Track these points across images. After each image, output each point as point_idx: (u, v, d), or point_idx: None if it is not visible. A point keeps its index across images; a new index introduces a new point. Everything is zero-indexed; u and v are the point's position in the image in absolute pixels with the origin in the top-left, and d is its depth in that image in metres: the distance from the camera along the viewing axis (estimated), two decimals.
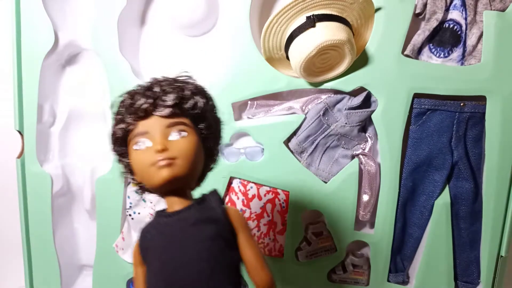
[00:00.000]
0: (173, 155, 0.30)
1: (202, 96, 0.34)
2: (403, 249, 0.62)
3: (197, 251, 0.30)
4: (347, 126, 0.58)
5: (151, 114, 0.31)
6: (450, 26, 0.56)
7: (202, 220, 0.31)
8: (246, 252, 0.32)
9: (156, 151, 0.30)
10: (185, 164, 0.31)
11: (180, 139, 0.31)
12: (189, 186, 0.33)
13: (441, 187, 0.59)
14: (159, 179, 0.30)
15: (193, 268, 0.29)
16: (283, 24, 0.52)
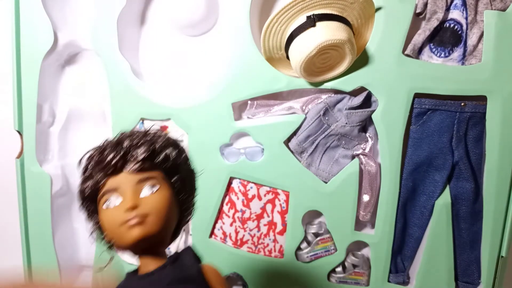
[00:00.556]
0: (145, 212, 0.29)
1: (174, 148, 0.33)
2: (404, 249, 0.62)
3: None
4: (347, 126, 0.58)
5: (121, 170, 0.30)
6: (451, 26, 0.56)
7: (177, 280, 0.29)
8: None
9: (126, 209, 0.29)
10: (157, 221, 0.29)
11: (152, 195, 0.30)
12: (162, 243, 0.32)
13: (441, 187, 0.58)
14: (130, 239, 0.28)
15: None
16: (283, 24, 0.52)
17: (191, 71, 0.64)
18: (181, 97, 0.61)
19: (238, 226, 0.63)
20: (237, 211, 0.63)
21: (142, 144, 0.31)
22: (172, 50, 0.65)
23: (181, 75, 0.65)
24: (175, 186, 0.32)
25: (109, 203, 0.30)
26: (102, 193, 0.30)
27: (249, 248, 0.63)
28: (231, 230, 0.63)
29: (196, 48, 0.64)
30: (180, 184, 0.32)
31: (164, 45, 0.65)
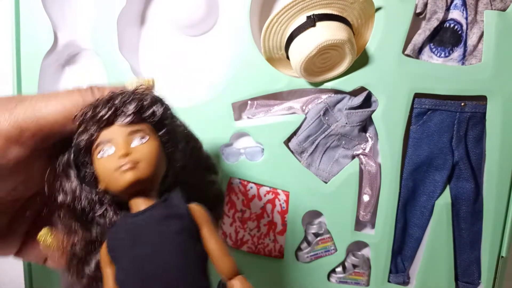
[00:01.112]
0: (136, 159, 0.32)
1: (160, 105, 0.35)
2: (404, 249, 0.62)
3: (165, 245, 0.30)
4: (347, 126, 0.58)
5: (113, 123, 0.33)
6: (451, 26, 0.56)
7: (167, 216, 0.32)
8: (210, 244, 0.33)
9: (119, 157, 0.31)
10: (147, 166, 0.32)
11: (142, 145, 0.33)
12: (152, 187, 0.34)
13: (441, 187, 0.58)
14: (124, 182, 0.31)
15: (163, 261, 0.30)
16: (283, 24, 0.52)
17: (191, 71, 0.64)
18: (181, 97, 0.61)
19: (238, 226, 0.63)
20: (237, 211, 0.63)
21: (132, 101, 0.33)
22: (172, 50, 0.65)
23: (181, 75, 0.65)
24: (162, 139, 0.35)
25: (103, 153, 0.32)
26: (96, 144, 0.33)
27: (249, 248, 0.63)
28: (231, 230, 0.63)
29: (196, 48, 0.64)
30: (167, 137, 0.35)
31: (164, 45, 0.65)
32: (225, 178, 0.61)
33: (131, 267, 0.30)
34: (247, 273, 0.51)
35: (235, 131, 0.60)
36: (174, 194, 0.34)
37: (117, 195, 0.34)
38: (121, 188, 0.32)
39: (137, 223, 0.32)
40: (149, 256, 0.30)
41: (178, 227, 0.31)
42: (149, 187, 0.34)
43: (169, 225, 0.31)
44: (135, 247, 0.31)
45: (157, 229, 0.31)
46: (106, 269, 0.33)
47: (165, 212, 0.32)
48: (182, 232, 0.32)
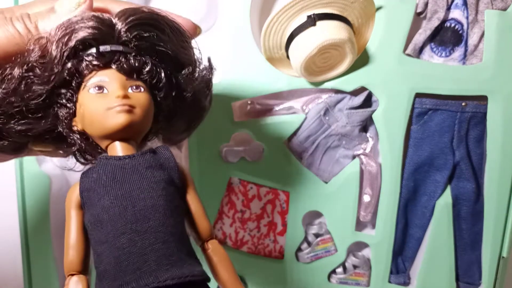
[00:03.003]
0: (133, 104, 0.31)
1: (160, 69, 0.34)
2: (404, 250, 0.62)
3: (153, 189, 0.30)
4: (348, 126, 0.58)
5: (111, 66, 0.32)
6: (452, 25, 0.56)
7: (156, 166, 0.31)
8: (193, 204, 0.33)
9: (117, 96, 0.30)
10: (141, 113, 0.31)
11: (139, 93, 0.32)
12: (138, 136, 0.33)
13: (442, 187, 0.58)
14: (117, 123, 0.30)
15: (150, 201, 0.29)
16: (283, 23, 0.52)
17: None
18: None
19: (238, 227, 0.63)
20: (237, 212, 0.62)
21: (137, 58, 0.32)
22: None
23: None
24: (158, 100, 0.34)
25: (97, 89, 0.31)
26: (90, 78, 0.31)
27: (249, 249, 0.63)
28: (231, 230, 0.63)
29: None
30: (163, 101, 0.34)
31: None
32: (225, 178, 0.61)
33: (113, 205, 0.29)
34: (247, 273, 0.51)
35: (235, 131, 0.59)
36: (162, 148, 0.33)
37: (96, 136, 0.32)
38: (111, 129, 0.30)
39: (123, 166, 0.31)
40: (135, 196, 0.29)
41: (166, 178, 0.31)
42: (135, 136, 0.33)
43: (158, 174, 0.31)
44: (121, 186, 0.30)
45: (145, 174, 0.30)
46: (72, 211, 0.31)
47: (154, 162, 0.31)
48: (170, 183, 0.31)
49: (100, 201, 0.29)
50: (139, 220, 0.28)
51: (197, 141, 0.60)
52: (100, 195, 0.30)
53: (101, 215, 0.29)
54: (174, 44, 0.35)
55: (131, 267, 0.27)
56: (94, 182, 0.30)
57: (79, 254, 0.30)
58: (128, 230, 0.28)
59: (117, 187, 0.30)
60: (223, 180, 0.61)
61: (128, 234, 0.28)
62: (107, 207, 0.29)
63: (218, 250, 0.34)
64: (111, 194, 0.29)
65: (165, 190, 0.30)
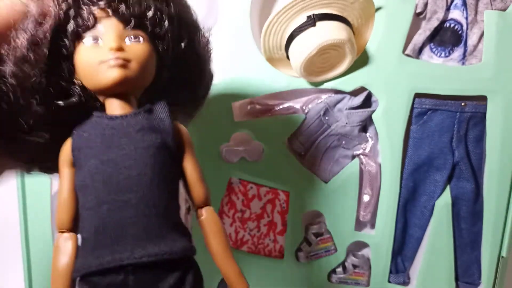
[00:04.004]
0: (128, 57, 0.28)
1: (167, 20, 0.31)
2: (404, 249, 0.62)
3: (141, 156, 0.28)
4: (347, 126, 0.58)
5: (109, 14, 0.29)
6: (451, 26, 0.56)
7: (149, 128, 0.29)
8: (188, 168, 0.31)
9: (110, 49, 0.28)
10: (138, 68, 0.29)
11: (137, 44, 0.29)
12: (135, 92, 0.31)
13: (442, 187, 0.58)
14: (108, 79, 0.28)
15: (135, 170, 0.27)
16: (283, 24, 0.52)
17: None
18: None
19: (238, 226, 0.63)
20: (237, 211, 0.62)
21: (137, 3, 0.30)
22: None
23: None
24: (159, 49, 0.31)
25: (90, 40, 0.28)
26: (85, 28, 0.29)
27: (249, 248, 0.63)
28: (231, 230, 0.63)
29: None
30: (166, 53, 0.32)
31: None
32: (225, 178, 0.61)
33: (98, 171, 0.27)
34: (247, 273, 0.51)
35: (235, 131, 0.60)
36: (159, 106, 0.31)
37: (92, 90, 0.30)
38: (103, 85, 0.28)
39: (113, 126, 0.29)
40: (121, 163, 0.27)
41: (158, 141, 0.29)
42: (132, 91, 0.31)
43: (150, 137, 0.29)
44: (107, 151, 0.28)
45: (135, 138, 0.28)
46: (65, 169, 0.30)
47: (147, 123, 0.29)
48: (161, 147, 0.29)
49: (87, 164, 0.28)
50: (122, 190, 0.27)
51: (197, 141, 0.60)
52: (88, 157, 0.28)
53: (86, 180, 0.28)
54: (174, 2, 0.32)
55: (109, 239, 0.26)
56: (84, 142, 0.29)
57: (70, 213, 0.29)
58: (110, 200, 0.27)
59: (104, 151, 0.28)
60: (223, 180, 0.61)
61: (109, 204, 0.27)
62: (92, 173, 0.28)
63: (211, 219, 0.31)
64: (98, 158, 0.28)
65: (155, 157, 0.28)
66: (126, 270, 0.26)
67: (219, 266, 0.31)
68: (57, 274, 0.28)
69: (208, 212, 0.32)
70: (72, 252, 0.28)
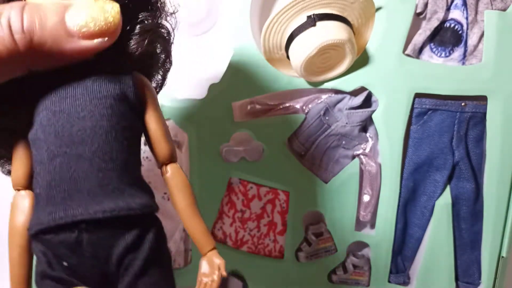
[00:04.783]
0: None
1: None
2: (404, 249, 0.62)
3: (96, 106, 0.26)
4: (347, 126, 0.58)
5: None
6: (451, 26, 0.56)
7: (106, 77, 0.27)
8: (151, 123, 0.29)
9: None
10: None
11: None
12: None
13: (442, 187, 0.58)
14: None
15: (90, 122, 0.25)
16: (283, 24, 0.52)
17: (191, 71, 0.64)
18: (181, 96, 0.61)
19: (238, 226, 0.63)
20: (237, 211, 0.62)
21: None
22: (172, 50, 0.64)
23: (181, 74, 0.64)
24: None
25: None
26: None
27: (249, 248, 0.63)
28: (231, 230, 0.63)
29: (196, 47, 0.64)
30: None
31: None
32: (225, 178, 0.61)
33: (50, 123, 0.26)
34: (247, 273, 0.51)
35: (235, 131, 0.60)
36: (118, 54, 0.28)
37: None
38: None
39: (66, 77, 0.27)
40: (73, 115, 0.25)
41: (117, 92, 0.27)
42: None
43: (107, 88, 0.27)
44: (59, 102, 0.26)
45: (90, 87, 0.26)
46: None
47: (104, 72, 0.27)
48: (120, 99, 0.27)
49: (39, 116, 0.26)
50: (75, 143, 0.25)
51: (197, 141, 0.60)
52: (39, 108, 0.26)
53: (38, 133, 0.26)
54: None
55: (62, 194, 0.25)
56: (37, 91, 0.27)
57: (26, 169, 0.28)
58: (62, 153, 0.25)
59: (57, 101, 0.26)
60: (223, 180, 0.61)
61: (62, 157, 0.25)
62: (44, 125, 0.26)
63: (176, 174, 0.30)
64: (50, 109, 0.26)
65: (112, 108, 0.26)
66: (80, 228, 0.25)
67: (184, 224, 0.29)
68: (13, 232, 0.27)
69: (173, 169, 0.30)
70: (29, 210, 0.27)
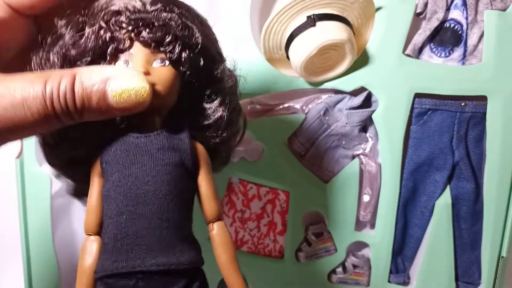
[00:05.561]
0: (153, 81, 0.31)
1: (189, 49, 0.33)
2: (404, 249, 0.62)
3: (159, 172, 0.31)
4: (347, 126, 0.58)
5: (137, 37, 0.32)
6: (451, 26, 0.56)
7: (168, 147, 0.32)
8: (202, 185, 0.34)
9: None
10: (162, 91, 0.32)
11: (163, 67, 0.32)
12: (160, 113, 0.34)
13: (442, 187, 0.58)
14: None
15: (152, 187, 0.30)
16: (283, 24, 0.52)
17: None
18: None
19: (238, 226, 0.63)
20: (237, 211, 0.62)
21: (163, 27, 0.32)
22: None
23: None
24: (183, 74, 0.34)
25: (123, 64, 0.31)
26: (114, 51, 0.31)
27: (249, 248, 0.63)
28: (231, 230, 0.63)
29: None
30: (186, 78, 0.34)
31: None
32: (225, 178, 0.61)
33: (121, 184, 0.31)
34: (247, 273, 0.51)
35: None
36: (180, 127, 0.34)
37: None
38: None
39: (137, 144, 0.32)
40: (140, 179, 0.31)
41: (176, 160, 0.32)
42: (157, 112, 0.33)
43: (168, 156, 0.32)
44: (130, 167, 0.31)
45: (155, 155, 0.31)
46: (95, 178, 0.33)
47: (167, 143, 0.32)
48: (178, 165, 0.32)
49: (112, 177, 0.31)
50: (139, 203, 0.30)
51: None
52: (113, 170, 0.31)
53: (110, 191, 0.31)
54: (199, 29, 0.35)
55: (125, 247, 0.30)
56: (112, 156, 0.32)
57: (97, 218, 0.32)
58: (127, 212, 0.30)
59: (128, 166, 0.31)
60: (223, 180, 0.61)
61: (127, 215, 0.30)
62: (115, 185, 0.31)
63: (221, 232, 0.34)
64: (122, 172, 0.31)
65: (171, 174, 0.31)
66: (137, 277, 0.30)
67: (224, 277, 0.34)
68: (82, 272, 0.31)
69: (219, 226, 0.34)
70: (96, 254, 0.32)
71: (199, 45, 0.34)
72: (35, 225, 0.64)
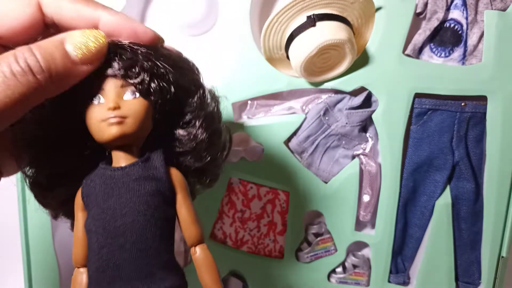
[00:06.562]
0: (124, 114, 0.32)
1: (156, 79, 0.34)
2: (404, 249, 0.62)
3: (135, 203, 0.31)
4: (347, 126, 0.58)
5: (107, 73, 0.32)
6: (451, 26, 0.56)
7: (144, 177, 0.32)
8: (181, 211, 0.34)
9: (107, 109, 0.31)
10: (134, 123, 0.32)
11: (133, 100, 0.32)
12: (135, 144, 0.34)
13: (442, 187, 0.58)
14: (109, 135, 0.32)
15: (129, 218, 0.31)
16: (283, 24, 0.52)
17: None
18: None
19: (238, 226, 0.63)
20: (237, 211, 0.62)
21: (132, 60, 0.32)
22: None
23: None
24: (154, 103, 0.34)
25: (98, 100, 0.32)
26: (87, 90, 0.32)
27: (249, 248, 0.63)
28: (231, 230, 0.63)
29: (196, 47, 0.64)
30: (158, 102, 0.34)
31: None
32: (225, 178, 0.61)
33: (99, 218, 0.31)
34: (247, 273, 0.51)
35: (235, 131, 0.60)
36: (155, 155, 0.34)
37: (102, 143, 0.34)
38: (105, 140, 0.32)
39: (114, 177, 0.32)
40: (118, 211, 0.31)
41: (152, 189, 0.32)
42: (133, 143, 0.34)
43: (144, 186, 0.32)
44: (107, 200, 0.32)
45: (131, 187, 0.32)
46: (78, 213, 0.34)
47: (143, 173, 0.33)
48: (155, 194, 0.32)
49: (91, 211, 0.32)
50: (118, 235, 0.31)
51: None
52: (92, 204, 0.32)
53: (91, 225, 0.32)
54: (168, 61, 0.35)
55: (107, 279, 0.30)
56: (91, 190, 0.33)
57: (83, 251, 0.33)
58: (108, 245, 0.31)
59: (105, 200, 0.32)
60: (223, 180, 0.61)
61: (107, 248, 0.31)
62: (95, 219, 0.32)
63: (203, 255, 0.34)
64: (100, 207, 0.32)
65: (148, 204, 0.32)
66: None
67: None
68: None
69: (201, 250, 0.35)
70: (85, 286, 0.33)
71: (168, 75, 0.34)
72: (35, 225, 0.64)
